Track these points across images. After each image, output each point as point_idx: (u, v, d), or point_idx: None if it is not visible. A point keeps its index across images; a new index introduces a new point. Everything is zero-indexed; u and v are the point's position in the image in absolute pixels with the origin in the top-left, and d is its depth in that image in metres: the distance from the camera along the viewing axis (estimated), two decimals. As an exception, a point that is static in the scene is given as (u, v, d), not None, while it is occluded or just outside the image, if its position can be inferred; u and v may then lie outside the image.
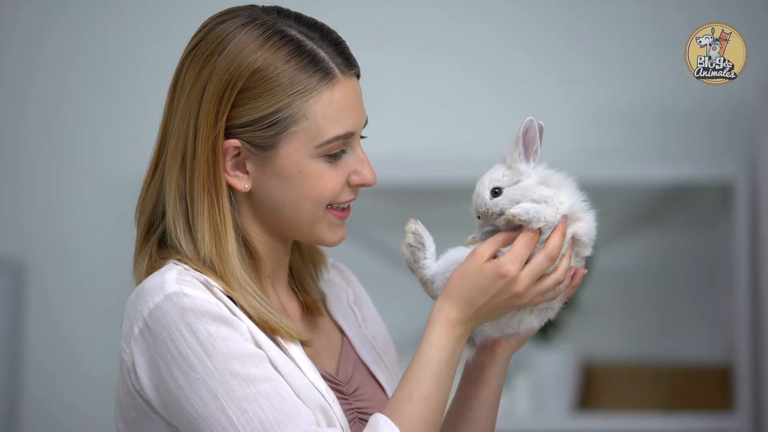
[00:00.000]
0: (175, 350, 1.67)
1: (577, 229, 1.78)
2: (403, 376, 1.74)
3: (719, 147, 3.78)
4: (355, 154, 1.80)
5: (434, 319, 1.76)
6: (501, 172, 1.80)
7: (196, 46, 1.78)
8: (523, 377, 3.69)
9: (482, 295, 1.75)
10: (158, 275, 1.72)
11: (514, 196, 1.77)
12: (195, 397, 1.66)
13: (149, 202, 1.81)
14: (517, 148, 1.80)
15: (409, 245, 1.83)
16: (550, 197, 1.76)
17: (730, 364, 3.65)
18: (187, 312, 1.68)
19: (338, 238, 1.83)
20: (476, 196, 1.80)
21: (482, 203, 1.79)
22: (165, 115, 1.80)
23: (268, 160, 1.76)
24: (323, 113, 1.75)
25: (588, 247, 1.81)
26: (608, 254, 3.74)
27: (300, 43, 1.76)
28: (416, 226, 1.83)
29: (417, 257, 1.83)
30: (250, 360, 1.68)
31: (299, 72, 1.75)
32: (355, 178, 1.80)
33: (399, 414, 1.71)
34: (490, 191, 1.79)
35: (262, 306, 1.74)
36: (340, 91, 1.77)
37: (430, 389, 1.73)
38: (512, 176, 1.79)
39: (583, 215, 1.79)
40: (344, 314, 1.97)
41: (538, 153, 1.80)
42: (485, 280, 1.74)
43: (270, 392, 1.67)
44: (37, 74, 3.89)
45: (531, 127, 1.79)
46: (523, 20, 3.87)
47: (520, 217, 1.74)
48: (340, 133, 1.76)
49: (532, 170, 1.79)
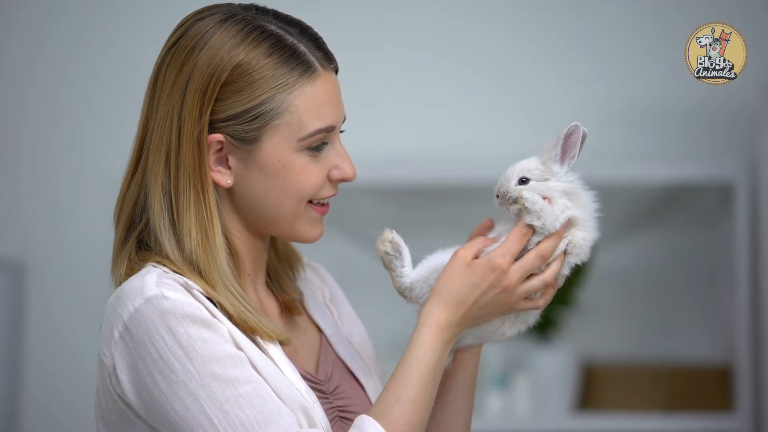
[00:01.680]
0: (155, 353, 1.67)
1: (572, 237, 1.79)
2: (391, 378, 1.75)
3: (719, 147, 3.79)
4: (336, 149, 1.81)
5: (424, 321, 1.77)
6: (534, 165, 1.81)
7: (175, 44, 1.79)
8: (523, 377, 3.69)
9: (473, 291, 1.76)
10: (138, 278, 1.72)
11: (537, 190, 1.79)
12: (176, 399, 1.66)
13: (129, 201, 1.81)
14: (556, 149, 1.80)
15: (386, 253, 1.84)
16: (563, 207, 1.77)
17: (730, 364, 3.65)
18: (167, 315, 1.68)
19: (317, 234, 1.83)
20: (503, 177, 1.82)
21: (505, 184, 1.81)
22: (144, 113, 1.81)
23: (251, 154, 1.77)
24: (305, 106, 1.76)
25: (576, 256, 1.81)
26: (608, 254, 3.74)
27: (280, 37, 1.77)
28: (392, 235, 1.85)
29: (394, 266, 1.85)
30: (231, 362, 1.68)
31: (281, 65, 1.76)
32: (335, 173, 1.81)
33: (386, 416, 1.71)
34: (519, 178, 1.80)
35: (243, 305, 1.75)
36: (322, 85, 1.78)
37: (417, 392, 1.73)
38: (543, 172, 1.81)
39: (584, 227, 1.80)
40: (321, 312, 1.97)
41: (575, 159, 1.80)
42: (475, 275, 1.76)
43: (251, 394, 1.67)
44: (37, 74, 3.89)
45: (575, 132, 1.80)
46: (523, 20, 3.87)
47: (526, 202, 1.75)
48: (321, 126, 1.77)
49: (563, 174, 1.81)
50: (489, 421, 3.65)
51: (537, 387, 3.68)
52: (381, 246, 1.85)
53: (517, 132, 3.82)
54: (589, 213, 1.81)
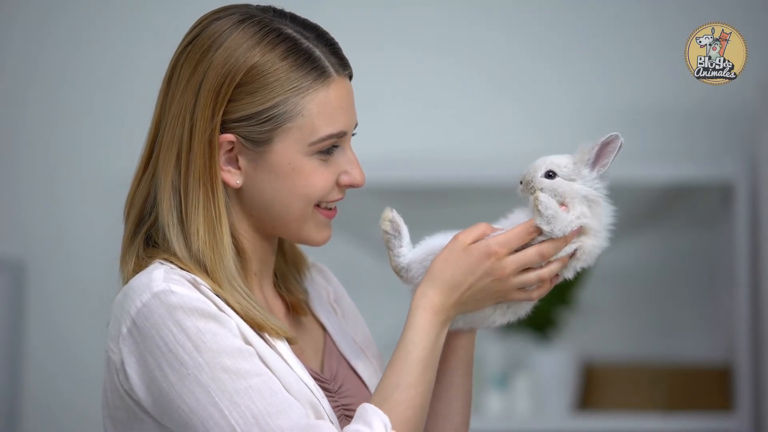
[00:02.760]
0: (164, 347, 1.68)
1: (583, 244, 1.79)
2: (389, 364, 1.75)
3: (719, 147, 3.79)
4: (346, 154, 1.81)
5: (417, 304, 1.77)
6: (565, 162, 1.81)
7: (191, 42, 1.79)
8: (523, 377, 3.69)
9: (467, 276, 1.76)
10: (145, 274, 1.72)
11: (560, 187, 1.79)
12: (186, 392, 1.67)
13: (139, 197, 1.81)
14: (590, 153, 1.80)
15: (385, 232, 1.85)
16: (578, 214, 1.77)
17: (730, 364, 3.65)
18: (176, 309, 1.68)
19: (324, 238, 1.84)
20: (532, 166, 1.81)
21: (532, 173, 1.80)
22: (158, 111, 1.81)
23: (261, 155, 1.77)
24: (318, 111, 1.77)
25: (582, 262, 1.81)
26: (608, 254, 3.70)
27: (296, 41, 1.77)
28: (392, 214, 1.85)
29: (393, 245, 1.85)
30: (240, 355, 1.68)
31: (296, 69, 1.76)
32: (344, 178, 1.81)
33: (387, 402, 1.72)
34: (546, 171, 1.80)
35: (249, 303, 1.75)
36: (335, 91, 1.78)
37: (416, 376, 1.73)
38: (572, 172, 1.80)
39: (596, 236, 1.80)
40: (326, 312, 1.98)
41: (606, 168, 1.80)
42: (471, 260, 1.76)
43: (261, 386, 1.68)
44: (37, 74, 3.89)
45: (613, 142, 1.80)
46: (523, 20, 3.87)
47: (540, 204, 1.75)
48: (333, 131, 1.78)
49: (591, 179, 1.80)
50: (489, 421, 3.65)
51: (537, 387, 3.68)
52: (381, 225, 1.85)
53: (517, 132, 3.82)
54: (604, 225, 1.81)
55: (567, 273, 1.82)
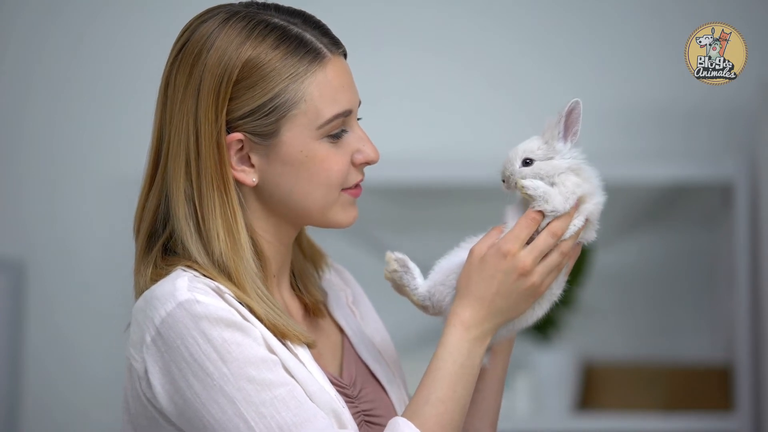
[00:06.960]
0: (189, 357, 1.67)
1: (587, 210, 1.78)
2: (421, 381, 1.75)
3: (719, 147, 3.78)
4: (355, 133, 1.81)
5: (448, 322, 1.77)
6: (536, 145, 1.81)
7: (182, 49, 1.78)
8: (523, 377, 3.69)
9: (489, 283, 1.75)
10: (168, 282, 1.71)
11: (542, 170, 1.78)
12: (212, 403, 1.66)
13: (149, 211, 1.80)
14: (558, 126, 1.79)
15: (395, 271, 1.84)
16: (573, 186, 1.76)
17: (730, 364, 3.65)
18: (201, 319, 1.67)
19: (351, 219, 1.83)
20: (506, 160, 1.81)
21: (509, 167, 1.80)
22: (157, 123, 1.80)
23: (272, 148, 1.77)
24: (319, 93, 1.76)
25: (597, 223, 1.80)
26: (608, 254, 3.74)
27: (285, 29, 1.77)
28: (395, 255, 1.86)
29: (406, 281, 1.85)
30: (265, 365, 1.68)
31: (290, 56, 1.76)
32: (358, 157, 1.81)
33: (417, 417, 1.72)
34: (522, 160, 1.80)
35: (273, 310, 1.74)
36: (333, 71, 1.78)
37: (445, 391, 1.73)
38: (547, 151, 1.80)
39: (593, 196, 1.79)
40: (344, 314, 1.97)
41: (577, 135, 1.80)
42: (487, 267, 1.75)
43: (286, 396, 1.67)
44: (37, 74, 3.89)
45: (576, 108, 1.80)
46: (523, 20, 3.87)
47: (527, 190, 1.75)
48: (338, 111, 1.77)
49: (567, 150, 1.80)
50: (489, 421, 3.64)
51: (537, 387, 3.68)
52: (387, 269, 1.85)
53: (517, 132, 3.79)
54: (596, 185, 1.80)
55: (589, 235, 1.80)
